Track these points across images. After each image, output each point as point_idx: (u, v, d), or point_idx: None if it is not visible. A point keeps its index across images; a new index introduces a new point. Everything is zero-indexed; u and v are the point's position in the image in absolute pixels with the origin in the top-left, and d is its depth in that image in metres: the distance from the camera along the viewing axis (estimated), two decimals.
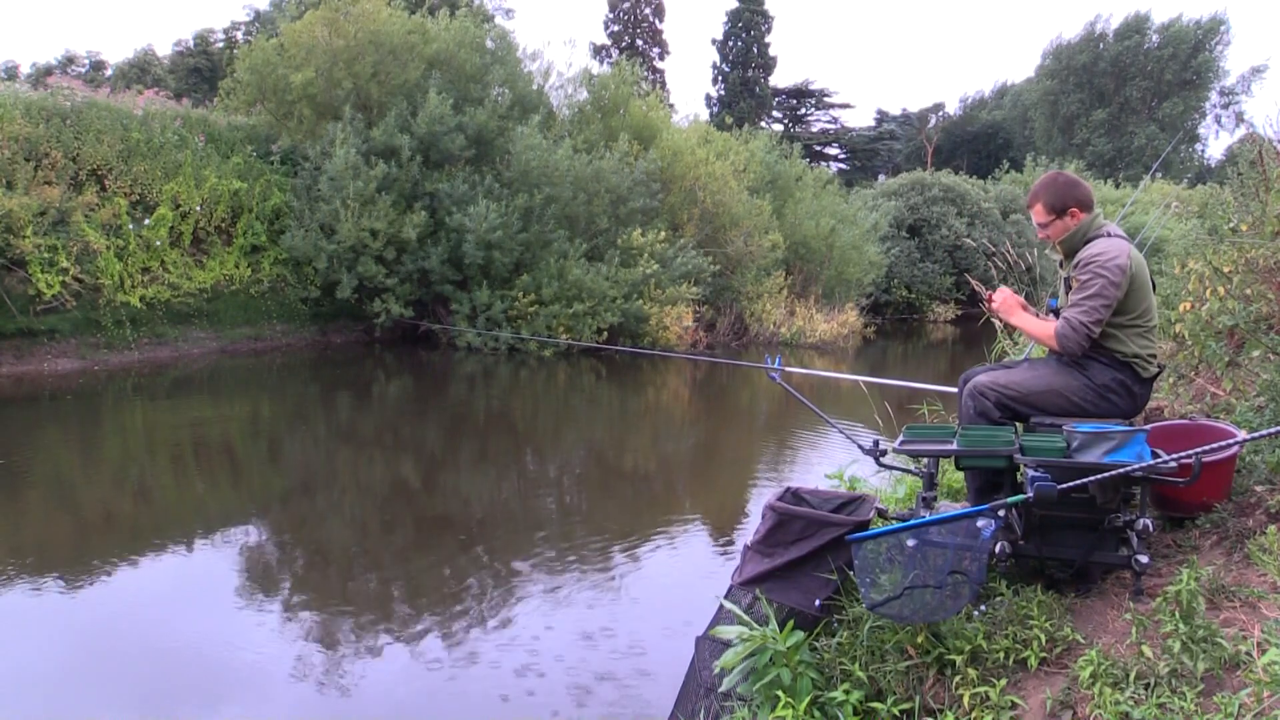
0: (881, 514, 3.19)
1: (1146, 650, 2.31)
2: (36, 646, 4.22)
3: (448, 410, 10.99)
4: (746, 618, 2.71)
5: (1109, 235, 3.11)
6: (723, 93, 43.12)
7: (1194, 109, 43.90)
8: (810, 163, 24.42)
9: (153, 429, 9.33)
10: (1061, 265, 3.32)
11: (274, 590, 4.98)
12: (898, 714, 2.49)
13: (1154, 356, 3.12)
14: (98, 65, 34.78)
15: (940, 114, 51.06)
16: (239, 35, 33.97)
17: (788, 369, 4.55)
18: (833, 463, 5.22)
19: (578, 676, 3.94)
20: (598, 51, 41.51)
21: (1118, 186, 33.37)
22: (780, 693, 2.50)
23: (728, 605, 2.91)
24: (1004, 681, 2.42)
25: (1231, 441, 2.82)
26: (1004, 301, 3.32)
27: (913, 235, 25.07)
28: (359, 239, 13.98)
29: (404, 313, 14.62)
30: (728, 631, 2.68)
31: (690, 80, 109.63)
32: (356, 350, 14.87)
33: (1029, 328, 3.23)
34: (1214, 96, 44.69)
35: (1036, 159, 31.62)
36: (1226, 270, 4.36)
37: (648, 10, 41.72)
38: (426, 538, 6.12)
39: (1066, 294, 3.20)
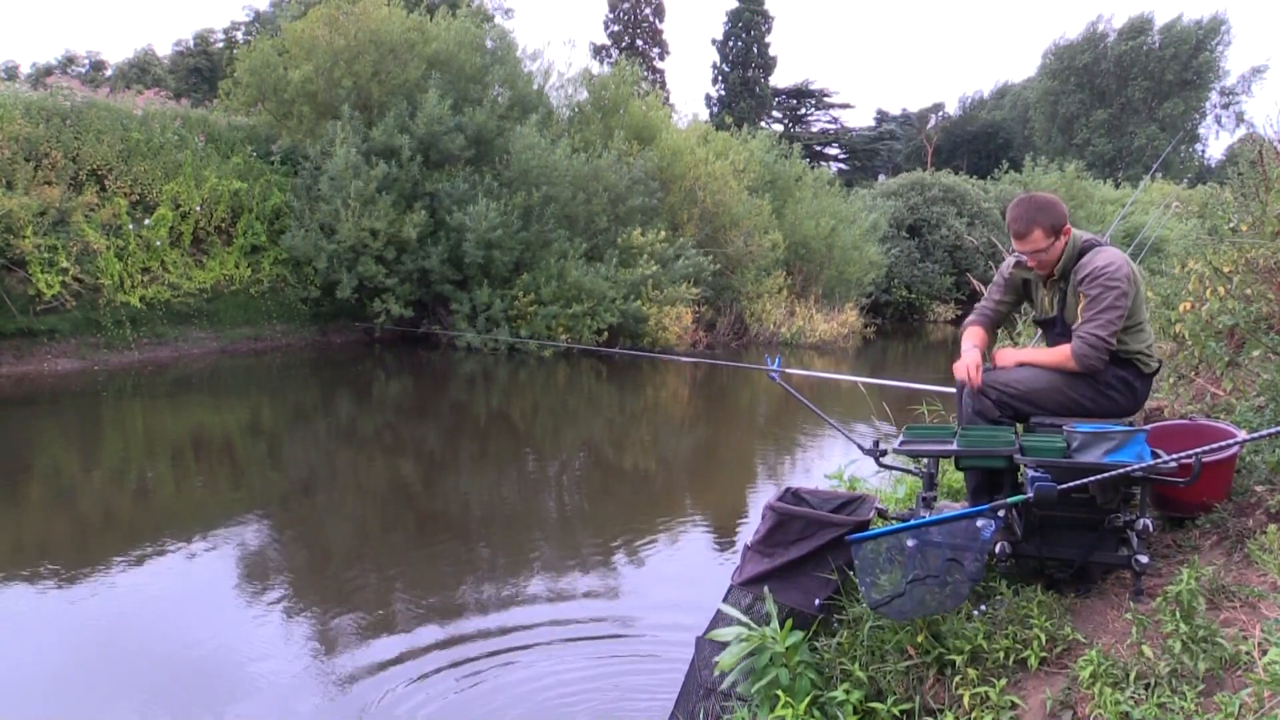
0: (881, 514, 3.18)
1: (1147, 650, 2.31)
2: (37, 646, 4.22)
3: (448, 410, 10.99)
4: (743, 618, 2.71)
5: (1101, 245, 3.12)
6: (723, 93, 43.10)
7: (1194, 109, 43.87)
8: (810, 163, 24.39)
9: (153, 429, 9.33)
10: (1046, 283, 3.25)
11: (275, 590, 4.98)
12: (898, 714, 2.49)
13: (1153, 349, 3.13)
14: (98, 65, 34.78)
15: (940, 114, 51.06)
16: (239, 35, 33.97)
17: (787, 370, 4.55)
18: (833, 463, 5.21)
19: (577, 676, 3.94)
20: (598, 51, 41.51)
21: (1118, 186, 33.31)
22: (780, 693, 2.50)
23: (724, 608, 2.91)
24: (1004, 681, 2.42)
25: (1231, 441, 2.82)
26: (1003, 355, 3.31)
27: (913, 235, 25.06)
28: (359, 239, 13.97)
29: (404, 313, 14.61)
30: (725, 633, 2.68)
31: (690, 80, 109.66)
32: (356, 350, 14.86)
33: (1041, 360, 3.15)
34: (1214, 96, 44.67)
35: (1036, 159, 31.52)
36: (1226, 270, 4.36)
37: (648, 10, 41.70)
38: (427, 538, 6.13)
39: (1058, 308, 3.19)
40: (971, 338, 3.37)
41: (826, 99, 48.05)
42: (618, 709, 3.64)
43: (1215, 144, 51.21)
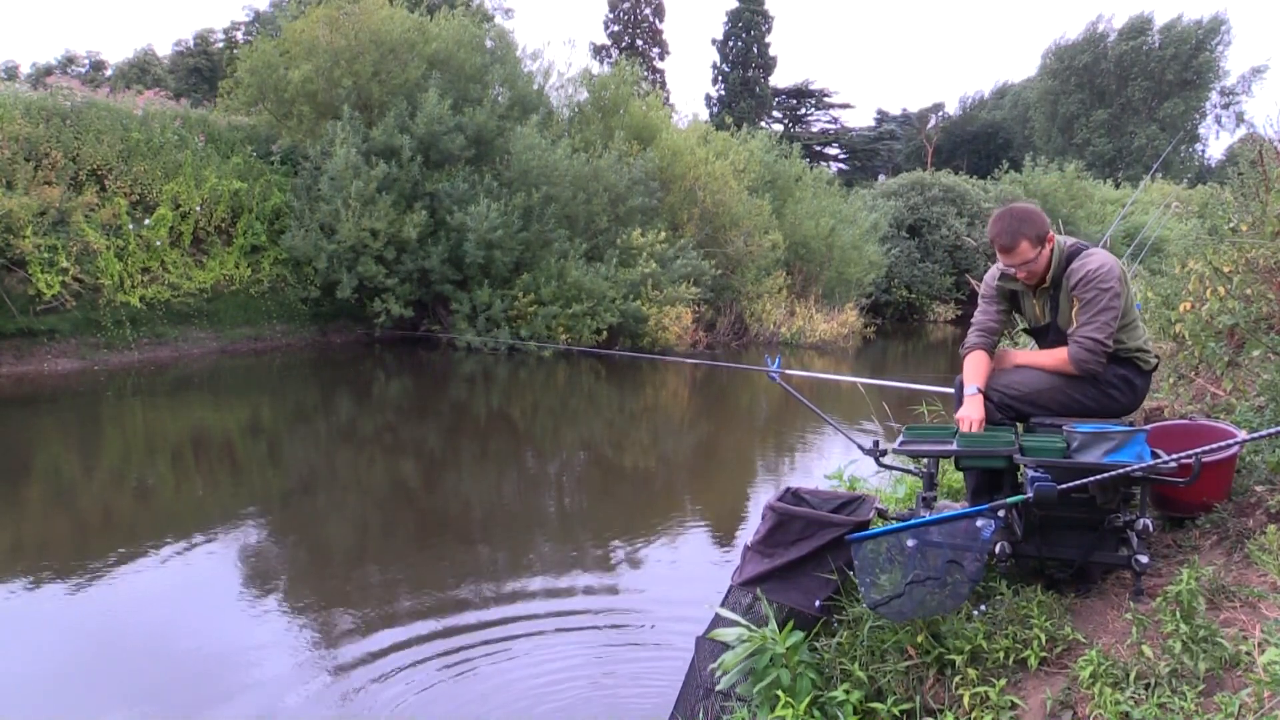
0: (881, 514, 3.18)
1: (1147, 650, 2.31)
2: (37, 646, 4.22)
3: (448, 410, 10.99)
4: (742, 620, 2.70)
5: (1088, 249, 3.12)
6: (723, 93, 43.09)
7: (1194, 109, 43.86)
8: (810, 163, 24.39)
9: (153, 429, 9.33)
10: (1036, 292, 3.24)
11: (275, 590, 4.98)
12: (898, 714, 2.49)
13: (1149, 345, 3.15)
14: (98, 65, 34.76)
15: (940, 114, 51.03)
16: (239, 35, 33.97)
17: (787, 370, 4.55)
18: (833, 463, 5.22)
19: (577, 677, 3.94)
20: (598, 51, 41.50)
21: (1118, 186, 33.31)
22: (780, 693, 2.50)
23: (722, 612, 2.91)
24: (1004, 681, 2.42)
25: (1231, 441, 2.82)
26: (1004, 356, 3.31)
27: (913, 235, 25.06)
28: (359, 239, 13.98)
29: (404, 313, 14.61)
30: (726, 634, 2.67)
31: (690, 80, 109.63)
32: (356, 350, 14.86)
33: (1040, 362, 3.16)
34: (1214, 96, 44.68)
35: (1036, 159, 31.49)
36: (1226, 270, 4.36)
37: (648, 10, 41.68)
38: (426, 537, 6.12)
39: (1051, 315, 3.19)
40: (975, 373, 3.17)
41: (826, 99, 48.06)
42: (618, 705, 3.65)
43: (1215, 144, 51.29)
